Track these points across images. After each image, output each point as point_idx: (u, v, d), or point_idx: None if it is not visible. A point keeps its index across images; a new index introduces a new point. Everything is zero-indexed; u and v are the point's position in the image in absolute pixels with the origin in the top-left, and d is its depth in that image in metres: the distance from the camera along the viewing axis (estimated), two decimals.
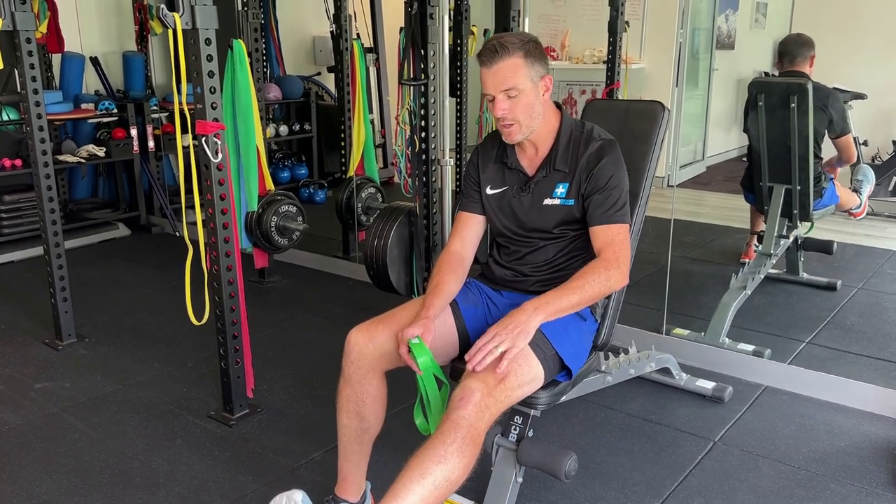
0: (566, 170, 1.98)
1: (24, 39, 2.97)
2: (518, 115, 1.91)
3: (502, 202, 2.07)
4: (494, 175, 2.09)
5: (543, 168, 2.01)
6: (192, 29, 2.30)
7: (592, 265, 1.87)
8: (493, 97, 1.90)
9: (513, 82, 1.87)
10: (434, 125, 3.16)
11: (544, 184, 2.01)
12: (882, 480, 2.26)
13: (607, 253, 1.89)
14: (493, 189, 2.08)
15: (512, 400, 1.78)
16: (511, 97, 1.88)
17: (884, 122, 5.33)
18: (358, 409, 1.93)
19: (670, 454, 2.42)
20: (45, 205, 3.19)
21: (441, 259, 2.07)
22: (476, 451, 1.65)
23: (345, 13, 4.38)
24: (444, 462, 1.59)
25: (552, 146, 2.00)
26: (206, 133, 2.38)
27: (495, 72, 1.87)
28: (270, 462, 2.40)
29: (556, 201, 1.99)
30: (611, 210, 1.93)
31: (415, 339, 1.81)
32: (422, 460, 1.61)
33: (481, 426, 1.66)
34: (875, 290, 3.81)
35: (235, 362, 2.62)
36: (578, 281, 1.83)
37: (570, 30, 6.35)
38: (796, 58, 3.53)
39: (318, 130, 6.21)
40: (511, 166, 2.06)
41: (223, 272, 2.51)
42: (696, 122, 6.64)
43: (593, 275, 1.84)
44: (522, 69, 1.87)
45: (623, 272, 1.89)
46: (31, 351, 3.27)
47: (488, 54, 1.87)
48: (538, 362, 1.80)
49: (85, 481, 2.30)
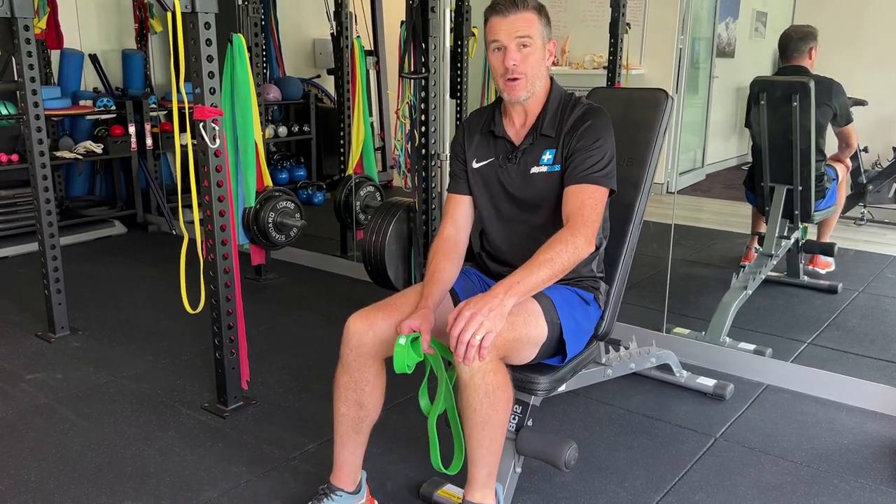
0: (552, 134, 1.94)
1: (22, 27, 2.95)
2: (527, 68, 1.87)
3: (488, 175, 2.01)
4: (480, 146, 2.04)
5: (530, 135, 1.97)
6: (191, 12, 2.27)
7: (559, 235, 1.79)
8: (504, 47, 1.86)
9: (529, 31, 1.85)
10: (434, 120, 3.14)
11: (531, 152, 1.96)
12: (886, 477, 2.22)
13: (574, 218, 1.82)
14: (479, 162, 2.03)
15: (515, 349, 1.77)
16: (525, 47, 1.85)
17: (884, 128, 5.32)
18: (357, 397, 1.89)
19: (671, 449, 2.38)
20: (41, 201, 3.15)
21: (435, 246, 2.02)
22: (502, 381, 1.71)
23: (345, 11, 4.37)
24: (484, 421, 1.72)
25: (540, 112, 1.97)
26: (204, 118, 2.35)
27: (512, 20, 1.84)
28: (264, 453, 2.36)
29: (543, 168, 1.94)
30: (590, 170, 1.86)
31: (408, 335, 1.73)
32: (470, 431, 1.76)
33: (492, 365, 1.69)
34: (876, 293, 3.78)
35: (230, 353, 2.58)
36: (547, 254, 1.75)
37: (571, 35, 6.35)
38: (794, 52, 3.53)
39: (316, 133, 6.19)
40: (498, 134, 2.01)
41: (219, 261, 2.48)
42: (696, 129, 6.63)
43: (560, 244, 1.76)
44: (537, 24, 1.87)
45: (589, 237, 1.81)
46: (23, 343, 3.22)
47: (506, 4, 1.85)
48: (545, 323, 1.79)
49: (74, 470, 2.26)
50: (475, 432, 1.75)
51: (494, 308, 1.64)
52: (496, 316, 1.63)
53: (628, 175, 2.15)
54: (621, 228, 2.13)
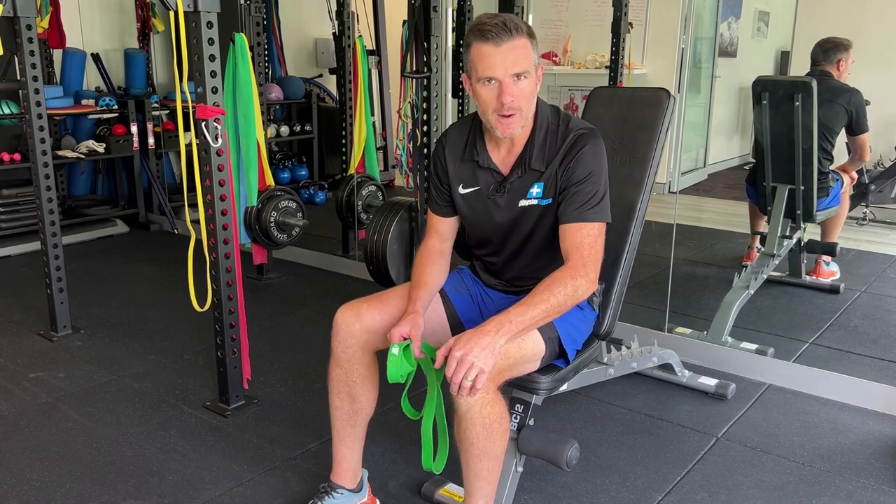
0: (542, 168, 1.81)
1: (25, 26, 2.95)
2: (522, 103, 1.72)
3: (476, 204, 1.90)
4: (464, 173, 1.91)
5: (518, 167, 1.84)
6: (193, 11, 2.28)
7: (557, 274, 1.71)
8: (498, 80, 1.69)
9: (526, 64, 1.69)
10: (436, 119, 3.14)
11: (519, 184, 1.84)
12: (888, 477, 2.22)
13: (574, 258, 1.73)
14: (466, 188, 1.91)
15: (513, 373, 1.75)
16: (523, 79, 1.70)
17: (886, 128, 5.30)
18: (349, 390, 1.89)
19: (673, 449, 2.38)
20: (43, 200, 3.16)
21: (420, 254, 1.99)
22: (499, 413, 1.69)
23: (347, 10, 4.37)
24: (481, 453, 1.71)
25: (527, 142, 1.83)
26: (207, 117, 2.35)
27: (507, 51, 1.67)
28: (266, 452, 2.36)
29: (533, 201, 1.83)
30: (584, 206, 1.76)
31: (400, 344, 1.71)
32: (467, 463, 1.75)
33: (489, 396, 1.67)
34: (878, 293, 3.78)
35: (232, 352, 2.58)
36: (543, 294, 1.67)
37: (573, 35, 6.35)
38: (822, 60, 3.56)
39: (318, 132, 6.20)
40: (483, 165, 1.87)
41: (221, 259, 2.48)
42: (698, 129, 6.62)
43: (558, 286, 1.68)
44: (531, 52, 1.71)
45: (591, 278, 1.73)
46: (26, 342, 3.23)
47: (498, 30, 1.66)
48: (541, 340, 1.77)
49: (76, 469, 2.26)
50: (472, 464, 1.73)
51: (486, 347, 1.57)
52: (487, 355, 1.56)
53: (630, 174, 2.15)
54: (623, 228, 2.13)
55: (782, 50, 6.42)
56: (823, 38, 3.65)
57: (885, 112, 5.21)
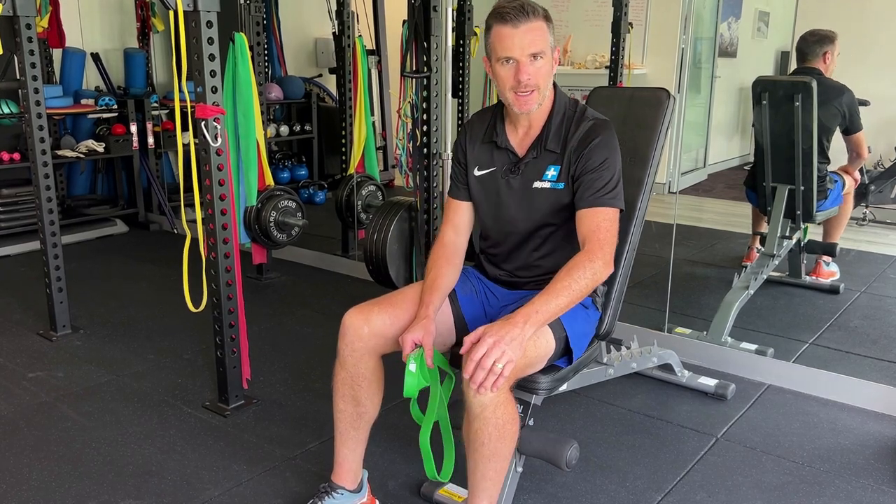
0: (557, 150, 1.88)
1: (24, 25, 2.95)
2: (539, 80, 1.80)
3: (489, 185, 1.96)
4: (482, 155, 1.98)
5: (534, 148, 1.90)
6: (193, 11, 2.27)
7: (577, 259, 1.76)
8: (515, 60, 1.77)
9: (542, 45, 1.77)
10: (436, 119, 3.13)
11: (534, 165, 1.90)
12: (888, 478, 2.22)
13: (591, 242, 1.79)
14: (481, 170, 1.97)
15: (526, 373, 1.77)
16: (539, 59, 1.78)
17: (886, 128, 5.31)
18: (353, 393, 1.89)
19: (672, 449, 2.38)
20: (42, 199, 3.15)
21: (435, 251, 2.00)
22: (511, 415, 1.70)
23: (347, 10, 4.37)
24: (491, 454, 1.71)
25: (545, 124, 1.90)
26: (206, 117, 2.35)
27: (524, 32, 1.75)
28: (266, 452, 2.36)
29: (546, 184, 1.88)
30: (600, 192, 1.82)
31: (415, 358, 1.73)
32: (475, 464, 1.74)
33: (503, 397, 1.67)
34: (878, 293, 3.78)
35: (231, 352, 2.58)
36: (565, 280, 1.71)
37: (573, 35, 6.34)
38: (809, 54, 3.53)
39: (318, 132, 6.20)
40: (500, 145, 1.94)
41: (220, 259, 2.48)
42: (698, 129, 6.62)
43: (578, 270, 1.73)
44: (547, 34, 1.79)
45: (608, 261, 1.78)
46: (25, 341, 3.22)
47: (515, 12, 1.74)
48: (553, 339, 1.78)
49: (75, 468, 2.26)
50: (481, 465, 1.73)
51: (516, 337, 1.62)
52: (517, 346, 1.62)
53: (630, 174, 2.14)
54: (623, 228, 2.10)
55: (782, 50, 6.43)
56: (807, 31, 3.63)
57: (884, 112, 5.20)
